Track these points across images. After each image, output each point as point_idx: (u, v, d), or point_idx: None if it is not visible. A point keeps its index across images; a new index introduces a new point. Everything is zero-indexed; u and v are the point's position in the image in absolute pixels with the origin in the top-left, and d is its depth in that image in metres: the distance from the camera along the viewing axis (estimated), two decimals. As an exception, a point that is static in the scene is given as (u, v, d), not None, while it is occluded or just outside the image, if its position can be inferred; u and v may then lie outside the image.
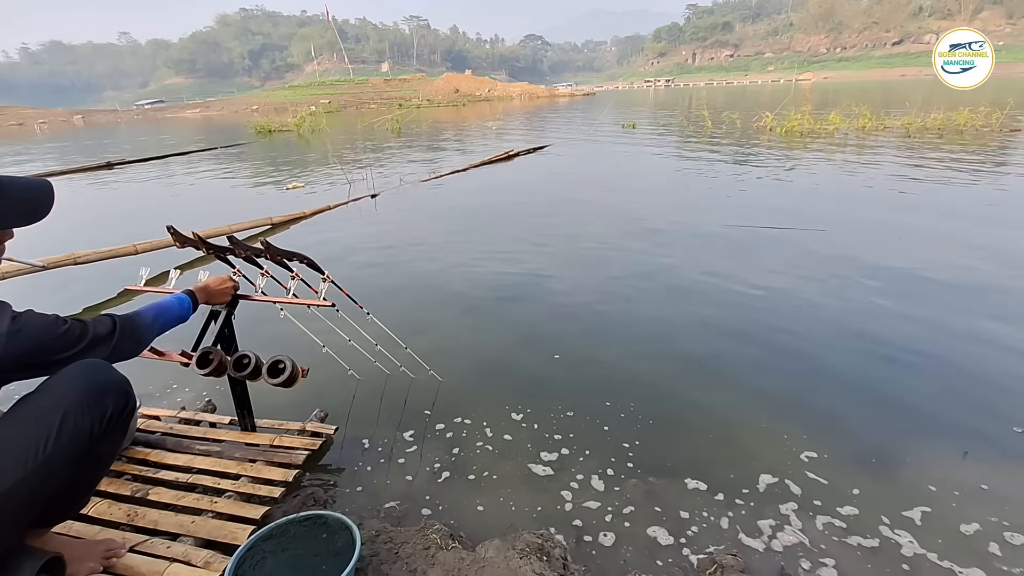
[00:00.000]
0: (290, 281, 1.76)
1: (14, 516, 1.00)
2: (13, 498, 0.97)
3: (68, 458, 1.05)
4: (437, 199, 6.63)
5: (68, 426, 1.04)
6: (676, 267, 3.71)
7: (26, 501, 1.01)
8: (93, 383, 1.11)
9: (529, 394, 2.20)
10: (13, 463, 0.98)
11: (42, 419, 1.03)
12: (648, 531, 1.50)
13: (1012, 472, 1.69)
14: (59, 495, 1.12)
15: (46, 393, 1.08)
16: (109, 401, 1.12)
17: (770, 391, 2.19)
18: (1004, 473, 1.69)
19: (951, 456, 1.77)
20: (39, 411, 1.05)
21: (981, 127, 10.68)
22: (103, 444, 1.16)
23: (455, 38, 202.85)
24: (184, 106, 60.50)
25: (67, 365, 1.10)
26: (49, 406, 1.05)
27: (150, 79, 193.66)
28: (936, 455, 1.77)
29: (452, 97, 50.46)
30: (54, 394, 1.07)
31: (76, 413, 1.06)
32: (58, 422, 1.03)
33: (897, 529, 1.48)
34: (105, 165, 11.05)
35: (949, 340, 2.54)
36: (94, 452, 1.13)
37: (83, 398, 1.08)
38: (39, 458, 1.00)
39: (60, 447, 1.03)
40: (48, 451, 1.01)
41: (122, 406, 1.16)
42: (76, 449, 1.07)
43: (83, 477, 1.20)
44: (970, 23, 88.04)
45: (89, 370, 1.13)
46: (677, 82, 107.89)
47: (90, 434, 1.08)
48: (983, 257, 3.61)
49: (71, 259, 3.80)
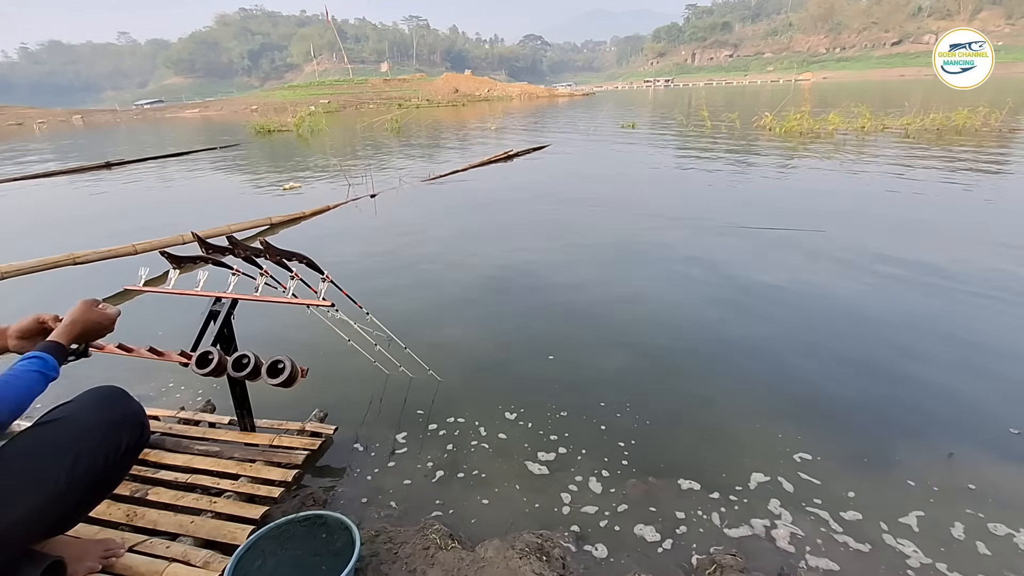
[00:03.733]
0: (289, 281, 1.76)
1: (23, 542, 1.01)
2: (23, 527, 0.98)
3: (80, 490, 1.06)
4: (437, 199, 6.63)
5: (83, 461, 1.05)
6: (673, 267, 3.72)
7: (35, 527, 1.02)
8: (110, 418, 1.12)
9: (528, 394, 2.20)
10: (26, 496, 0.98)
11: (58, 453, 1.03)
12: (647, 531, 1.51)
13: (1009, 473, 1.69)
14: (67, 516, 1.13)
15: (63, 425, 1.07)
16: (124, 435, 1.13)
17: (766, 391, 2.19)
18: (1002, 473, 1.69)
19: (949, 456, 1.77)
20: (56, 444, 1.05)
21: (980, 127, 10.69)
22: (115, 472, 1.17)
23: (455, 38, 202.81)
24: (183, 106, 60.45)
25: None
26: (66, 441, 1.05)
27: (149, 79, 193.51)
28: (934, 455, 1.77)
29: (451, 97, 50.45)
30: (71, 428, 1.07)
31: (92, 448, 1.06)
32: (72, 457, 1.03)
33: (894, 529, 1.48)
34: (104, 165, 11.04)
35: (948, 340, 2.55)
36: (105, 480, 1.14)
37: (99, 433, 1.08)
38: (53, 491, 1.01)
39: (73, 481, 1.03)
40: (61, 485, 1.01)
41: (136, 437, 1.16)
42: (89, 482, 1.07)
43: (92, 499, 1.21)
44: (969, 23, 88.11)
45: (106, 402, 1.13)
46: (677, 82, 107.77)
47: (104, 467, 1.09)
48: (983, 257, 3.62)
49: (70, 259, 3.80)
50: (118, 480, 1.27)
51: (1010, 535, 1.45)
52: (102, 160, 11.37)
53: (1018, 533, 1.45)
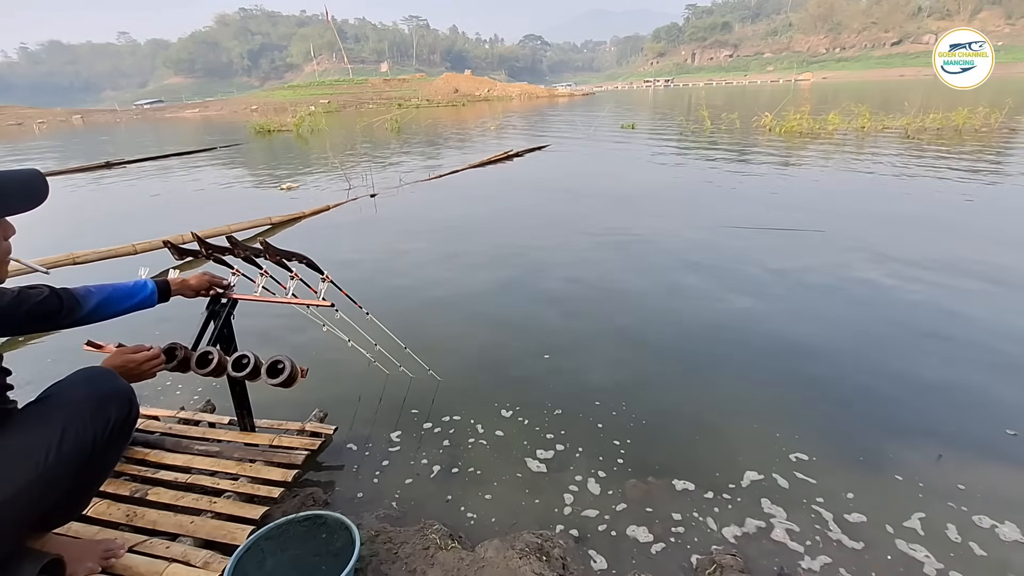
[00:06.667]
0: (289, 281, 1.76)
1: (12, 524, 0.99)
2: (13, 507, 0.97)
3: (70, 468, 1.05)
4: (436, 199, 6.63)
5: (70, 437, 1.04)
6: (671, 267, 3.72)
7: (26, 510, 1.01)
8: (96, 392, 1.11)
9: (526, 393, 2.20)
10: (14, 473, 0.97)
11: (44, 429, 1.03)
12: (647, 531, 1.51)
13: (1006, 473, 1.70)
14: (60, 502, 1.12)
15: (48, 402, 1.07)
16: (112, 410, 1.12)
17: (764, 391, 2.19)
18: (998, 473, 1.69)
19: (946, 456, 1.77)
20: (41, 421, 1.04)
21: (979, 128, 10.70)
22: (106, 452, 1.15)
23: (454, 38, 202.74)
24: (183, 106, 60.43)
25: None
26: (51, 416, 1.05)
27: (149, 79, 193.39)
28: (933, 456, 1.77)
29: (451, 97, 50.44)
30: (56, 403, 1.07)
31: (78, 424, 1.05)
32: (59, 433, 1.03)
33: (894, 529, 1.48)
34: (104, 165, 11.04)
35: (946, 341, 2.55)
36: (97, 460, 1.13)
37: (85, 408, 1.07)
38: (40, 468, 0.99)
39: (61, 457, 1.02)
40: (49, 462, 1.00)
41: (125, 415, 1.15)
42: (78, 459, 1.06)
43: (85, 484, 1.20)
44: (969, 23, 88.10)
45: (92, 379, 1.13)
46: (676, 82, 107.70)
47: (92, 444, 1.08)
48: (982, 257, 3.62)
49: (70, 259, 3.79)
50: (111, 462, 1.26)
51: (1010, 535, 1.45)
52: (102, 160, 11.37)
53: (1018, 533, 1.45)
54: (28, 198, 1.08)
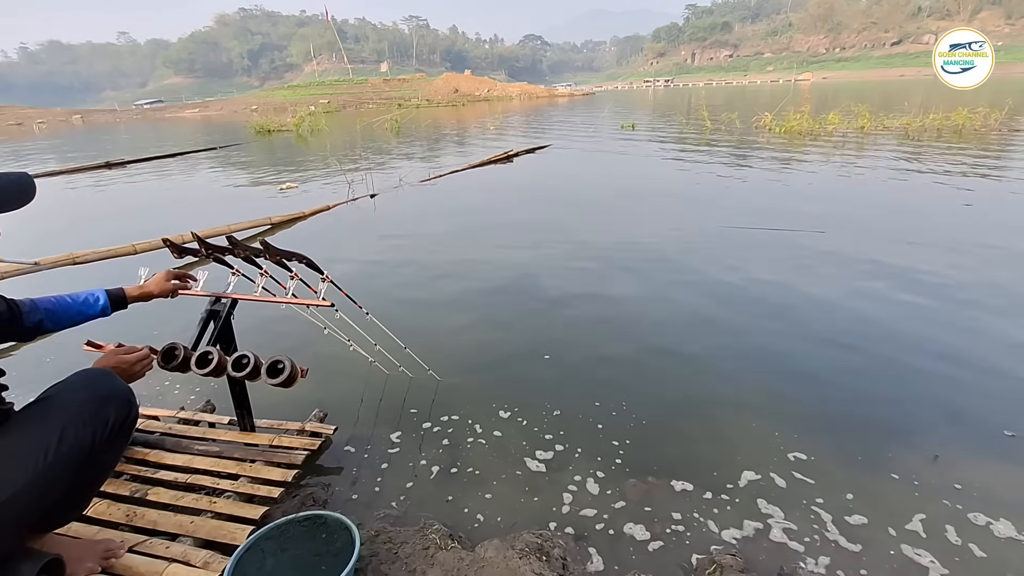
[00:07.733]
0: (289, 281, 1.76)
1: (12, 524, 1.00)
2: (12, 507, 0.97)
3: (69, 468, 1.05)
4: (436, 199, 6.63)
5: (69, 437, 1.04)
6: (672, 268, 3.72)
7: (25, 510, 1.01)
8: (95, 393, 1.11)
9: (528, 394, 2.20)
10: (13, 473, 0.98)
11: (43, 429, 1.03)
12: (646, 530, 1.51)
13: (1005, 473, 1.70)
14: (60, 502, 1.12)
15: (48, 402, 1.07)
16: (111, 411, 1.12)
17: (763, 391, 2.19)
18: (996, 474, 1.69)
19: (943, 456, 1.77)
20: (40, 421, 1.04)
21: (979, 128, 10.70)
22: (105, 453, 1.16)
23: (454, 38, 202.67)
24: (183, 106, 60.43)
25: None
26: (50, 416, 1.05)
27: (149, 79, 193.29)
28: (932, 456, 1.77)
29: (451, 97, 50.44)
30: (56, 404, 1.07)
31: (77, 423, 1.06)
32: (58, 433, 1.03)
33: (893, 530, 1.48)
34: (104, 165, 11.04)
35: (945, 341, 2.54)
36: (96, 460, 1.13)
37: (85, 408, 1.08)
38: (39, 468, 1.00)
39: (60, 457, 1.02)
40: (48, 461, 1.01)
41: (124, 415, 1.16)
42: (77, 459, 1.06)
43: (85, 484, 1.20)
44: (969, 23, 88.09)
45: (91, 380, 1.13)
46: (676, 82, 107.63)
47: (92, 444, 1.08)
48: (982, 259, 3.62)
49: (70, 259, 3.80)
50: (110, 462, 1.26)
51: (1009, 535, 1.45)
52: (101, 160, 11.37)
53: (1017, 533, 1.45)
54: (16, 198, 1.11)
